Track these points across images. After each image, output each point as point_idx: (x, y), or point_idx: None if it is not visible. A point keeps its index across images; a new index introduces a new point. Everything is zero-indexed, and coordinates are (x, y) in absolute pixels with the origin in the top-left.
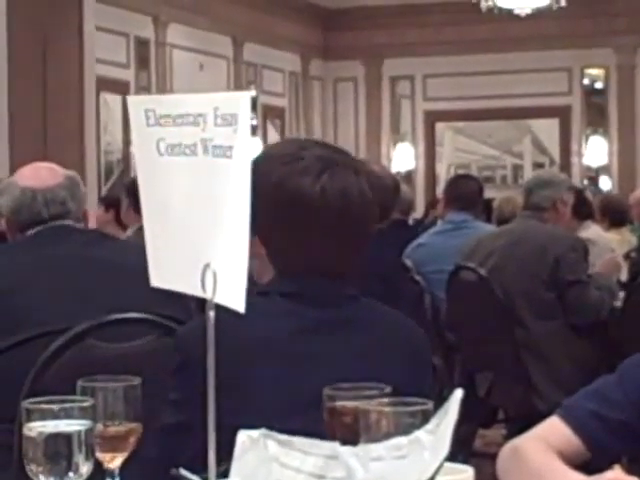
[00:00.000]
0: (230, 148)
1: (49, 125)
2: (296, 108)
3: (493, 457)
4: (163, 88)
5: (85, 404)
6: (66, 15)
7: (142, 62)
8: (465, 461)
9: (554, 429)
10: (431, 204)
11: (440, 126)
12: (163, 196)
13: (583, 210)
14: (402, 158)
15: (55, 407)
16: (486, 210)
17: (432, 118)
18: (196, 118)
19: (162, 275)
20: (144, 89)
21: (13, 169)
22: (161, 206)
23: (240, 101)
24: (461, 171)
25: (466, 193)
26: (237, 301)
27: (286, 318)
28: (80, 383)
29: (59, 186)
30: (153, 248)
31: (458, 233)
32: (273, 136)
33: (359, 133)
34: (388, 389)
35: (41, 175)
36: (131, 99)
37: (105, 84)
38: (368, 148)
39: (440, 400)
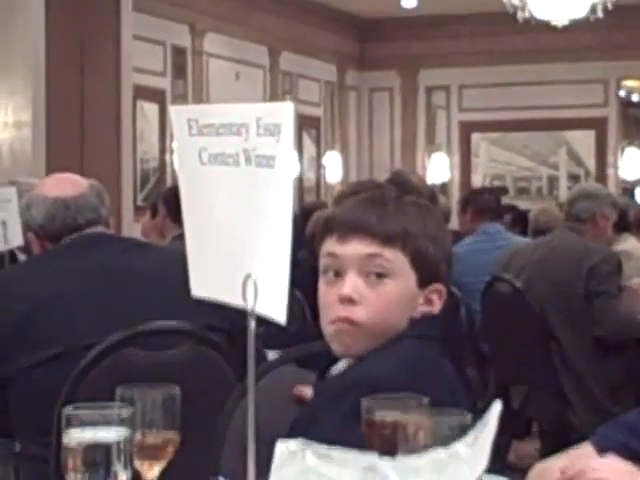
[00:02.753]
0: (272, 158)
1: (86, 133)
2: (332, 118)
3: (526, 471)
4: (199, 97)
5: (124, 413)
6: (103, 24)
7: (179, 71)
8: (499, 473)
9: (585, 454)
10: None
11: (475, 137)
12: (205, 205)
13: (621, 222)
14: (437, 169)
15: (94, 415)
16: (522, 221)
17: (468, 129)
18: (239, 128)
19: (202, 284)
20: (180, 98)
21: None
22: (203, 215)
23: (283, 111)
24: (497, 182)
25: (493, 204)
26: (278, 312)
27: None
28: (119, 391)
29: (88, 193)
30: (194, 257)
31: (493, 245)
32: (308, 146)
33: (394, 143)
34: (426, 401)
35: (67, 185)
36: (174, 109)
37: (142, 92)
38: (403, 158)
39: (474, 412)
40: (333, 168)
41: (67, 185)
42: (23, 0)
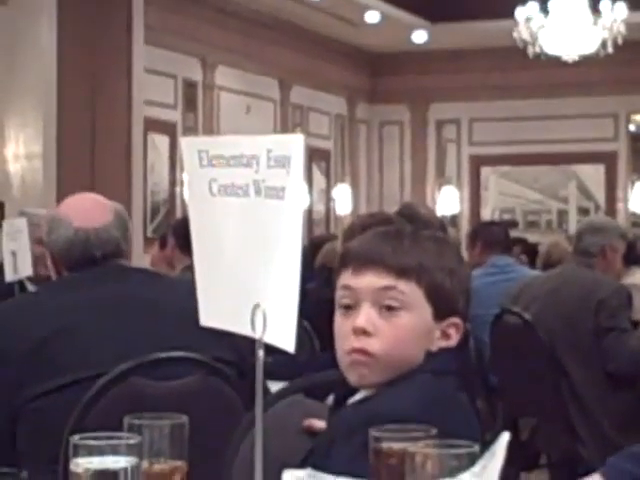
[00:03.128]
0: (282, 189)
1: (97, 164)
2: (342, 151)
3: None
4: (210, 130)
5: (132, 441)
6: (115, 56)
7: (190, 104)
8: None
9: None
10: None
11: (485, 170)
12: (214, 236)
13: (630, 256)
14: (447, 202)
15: (102, 443)
16: (531, 254)
17: (477, 162)
18: (249, 159)
19: (212, 314)
20: (191, 130)
21: None
22: (212, 246)
23: (293, 143)
24: (506, 215)
25: (502, 237)
26: (287, 341)
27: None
28: (127, 420)
29: (111, 225)
30: (203, 287)
31: (503, 277)
32: (318, 178)
33: (404, 176)
34: (434, 431)
35: (91, 213)
36: (185, 140)
37: (153, 125)
38: (413, 191)
39: (483, 443)
40: (343, 201)
41: (92, 214)
42: (35, 32)
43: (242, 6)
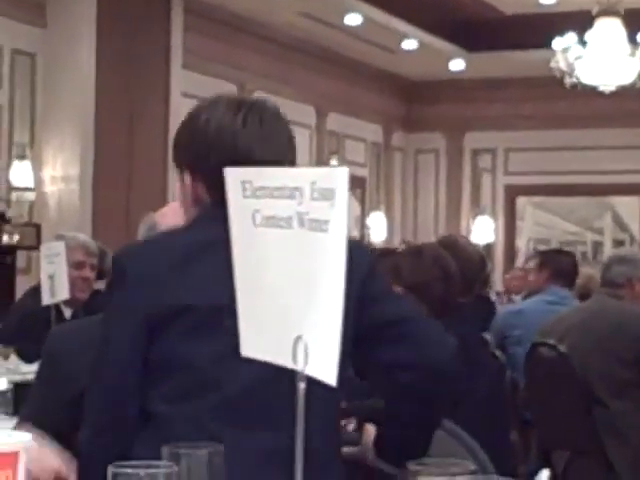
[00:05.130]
0: (326, 222)
1: (133, 188)
2: (377, 178)
3: None
4: None
5: (169, 470)
6: (153, 80)
7: None
8: None
9: None
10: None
11: (521, 200)
12: (257, 267)
13: None
14: (482, 231)
15: (141, 472)
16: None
17: (513, 192)
18: (292, 191)
19: (253, 345)
20: None
21: (95, 232)
22: (255, 276)
23: (338, 176)
24: (541, 246)
25: (569, 270)
26: (328, 374)
27: None
28: (165, 449)
29: None
30: (245, 317)
31: (558, 308)
32: (354, 206)
33: (439, 205)
34: (472, 467)
35: None
36: (228, 170)
37: None
38: (448, 220)
39: (516, 477)
40: (377, 228)
41: None
42: (74, 55)
43: (280, 32)
